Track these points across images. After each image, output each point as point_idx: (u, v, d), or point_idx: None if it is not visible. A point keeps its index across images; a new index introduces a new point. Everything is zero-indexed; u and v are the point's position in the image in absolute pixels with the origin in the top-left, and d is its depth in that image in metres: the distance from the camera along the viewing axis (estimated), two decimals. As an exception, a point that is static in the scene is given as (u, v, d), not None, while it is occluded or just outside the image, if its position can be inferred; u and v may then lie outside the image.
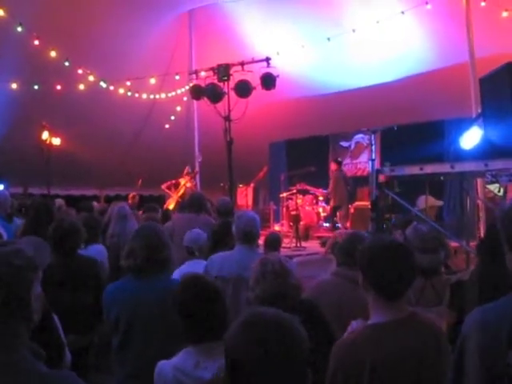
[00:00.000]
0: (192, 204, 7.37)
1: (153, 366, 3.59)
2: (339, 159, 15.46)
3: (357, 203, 14.42)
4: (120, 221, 7.30)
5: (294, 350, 1.83)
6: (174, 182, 14.84)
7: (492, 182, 10.17)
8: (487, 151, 6.86)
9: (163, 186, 14.99)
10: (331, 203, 14.19)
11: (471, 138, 7.33)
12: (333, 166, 14.45)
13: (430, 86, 13.65)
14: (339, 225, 14.12)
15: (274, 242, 6.81)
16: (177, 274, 5.25)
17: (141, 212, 9.56)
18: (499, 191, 10.67)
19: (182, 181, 14.85)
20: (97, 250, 5.82)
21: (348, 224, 13.98)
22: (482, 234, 9.94)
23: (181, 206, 9.66)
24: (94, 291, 4.43)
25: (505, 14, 11.78)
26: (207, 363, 2.77)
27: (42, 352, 2.21)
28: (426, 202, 10.07)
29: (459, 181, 9.84)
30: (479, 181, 10.21)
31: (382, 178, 7.12)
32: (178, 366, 2.88)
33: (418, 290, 4.33)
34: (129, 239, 4.05)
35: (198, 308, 2.93)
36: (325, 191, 15.23)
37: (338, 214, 14.18)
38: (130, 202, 12.81)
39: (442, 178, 9.65)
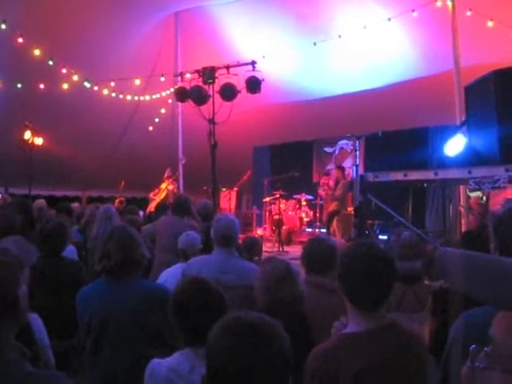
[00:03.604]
0: (176, 207, 7.28)
1: (125, 369, 3.54)
2: (342, 165, 15.39)
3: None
4: (104, 222, 7.19)
5: (277, 356, 1.78)
6: (157, 190, 14.88)
7: (475, 190, 10.20)
8: (471, 158, 6.88)
9: (151, 195, 15.00)
10: (332, 207, 13.82)
11: (455, 146, 7.36)
12: (337, 173, 14.27)
13: (415, 93, 13.68)
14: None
15: (252, 246, 6.66)
16: (166, 275, 5.19)
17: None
18: (481, 198, 10.71)
19: (163, 185, 14.83)
20: (67, 250, 5.73)
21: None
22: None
23: (161, 208, 9.55)
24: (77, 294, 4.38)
25: (490, 23, 11.82)
26: (203, 368, 2.69)
27: (27, 351, 2.17)
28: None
29: (442, 188, 9.87)
30: (462, 188, 10.24)
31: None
32: (173, 367, 2.81)
33: (399, 296, 4.31)
34: (102, 242, 3.98)
35: (199, 310, 2.85)
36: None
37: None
38: (116, 206, 12.72)
39: (425, 184, 9.66)
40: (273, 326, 1.85)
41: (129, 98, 15.94)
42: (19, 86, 13.85)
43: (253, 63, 10.52)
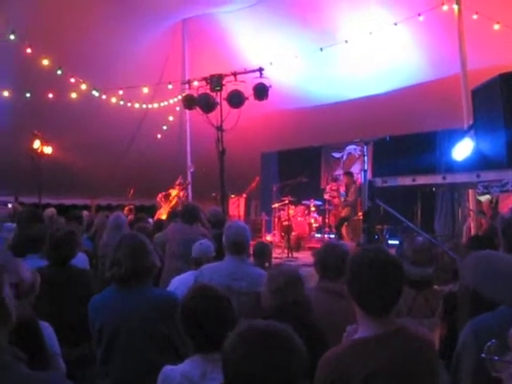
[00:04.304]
0: (185, 215, 7.33)
1: (136, 377, 3.55)
2: (350, 171, 15.45)
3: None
4: (114, 230, 7.24)
5: (292, 361, 1.83)
6: (164, 193, 14.87)
7: (483, 193, 10.19)
8: (479, 162, 6.88)
9: (158, 197, 15.02)
10: (344, 213, 14.00)
11: (463, 150, 7.35)
12: (347, 178, 14.42)
13: (423, 97, 13.68)
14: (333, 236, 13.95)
15: (262, 252, 6.69)
16: (177, 282, 5.21)
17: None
18: (491, 201, 10.68)
19: (173, 191, 14.84)
20: (78, 258, 5.76)
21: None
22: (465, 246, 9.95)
23: (172, 215, 9.60)
24: (87, 302, 4.39)
25: (496, 26, 11.81)
26: (215, 374, 2.71)
27: (23, 355, 2.18)
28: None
29: (451, 192, 9.84)
30: (471, 192, 10.22)
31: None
32: (185, 374, 2.83)
33: (409, 301, 4.31)
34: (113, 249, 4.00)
35: (208, 317, 2.88)
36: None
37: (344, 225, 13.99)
38: (125, 213, 12.76)
39: (433, 189, 9.63)
40: (287, 333, 1.89)
41: (137, 106, 16.00)
42: (28, 95, 13.93)
43: (260, 70, 10.53)
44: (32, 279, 3.62)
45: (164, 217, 13.61)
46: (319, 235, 15.64)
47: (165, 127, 17.35)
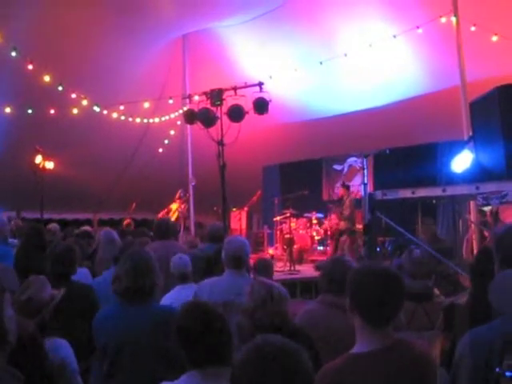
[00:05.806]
0: (156, 232, 7.51)
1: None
2: (346, 183, 15.47)
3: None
4: (107, 245, 7.24)
5: (300, 381, 1.84)
6: (165, 210, 14.91)
7: (484, 205, 10.18)
8: (478, 174, 6.90)
9: (159, 216, 15.04)
10: (341, 226, 14.02)
11: (462, 162, 7.36)
12: (342, 191, 14.44)
13: (422, 109, 13.71)
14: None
15: (265, 268, 6.68)
16: (169, 299, 5.22)
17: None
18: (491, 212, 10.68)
19: (174, 206, 14.87)
20: (82, 274, 5.78)
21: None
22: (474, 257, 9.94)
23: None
24: (89, 318, 4.40)
25: (494, 38, 11.87)
26: None
27: (19, 375, 2.19)
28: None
29: (451, 204, 9.84)
30: (472, 203, 10.23)
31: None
32: None
33: (409, 314, 4.32)
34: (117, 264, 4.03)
35: (201, 332, 2.88)
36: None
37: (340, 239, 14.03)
38: (123, 228, 12.73)
39: (433, 201, 9.63)
40: (299, 351, 1.90)
41: (138, 120, 16.05)
42: (30, 111, 13.99)
43: (260, 85, 10.54)
44: (51, 296, 3.66)
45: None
46: (321, 248, 15.63)
47: (166, 141, 17.39)
